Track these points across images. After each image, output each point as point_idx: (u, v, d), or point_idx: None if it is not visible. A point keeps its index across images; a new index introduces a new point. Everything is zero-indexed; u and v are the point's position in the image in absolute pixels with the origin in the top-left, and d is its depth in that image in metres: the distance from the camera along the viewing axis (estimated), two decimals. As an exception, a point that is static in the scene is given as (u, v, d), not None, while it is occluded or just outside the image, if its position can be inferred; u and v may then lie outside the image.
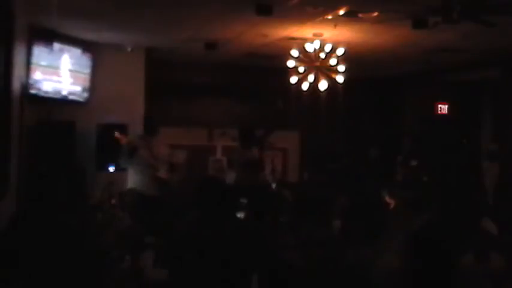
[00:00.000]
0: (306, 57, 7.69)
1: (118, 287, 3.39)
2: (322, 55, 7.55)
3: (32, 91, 7.32)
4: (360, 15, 6.62)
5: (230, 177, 9.09)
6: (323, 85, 7.84)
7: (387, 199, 5.65)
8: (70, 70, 8.06)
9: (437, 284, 2.08)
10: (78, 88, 8.26)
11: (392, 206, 5.60)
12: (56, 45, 7.74)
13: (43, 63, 7.51)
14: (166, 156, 7.16)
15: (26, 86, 6.90)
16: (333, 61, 7.56)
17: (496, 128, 10.51)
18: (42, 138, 7.65)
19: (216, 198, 3.96)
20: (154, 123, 7.27)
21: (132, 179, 6.94)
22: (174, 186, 7.16)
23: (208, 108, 10.84)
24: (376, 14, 6.50)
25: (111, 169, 8.01)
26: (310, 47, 7.53)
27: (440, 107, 12.26)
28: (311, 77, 7.87)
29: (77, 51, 8.13)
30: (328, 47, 7.45)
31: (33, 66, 7.31)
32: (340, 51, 7.48)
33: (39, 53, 7.42)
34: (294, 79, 7.95)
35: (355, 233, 3.97)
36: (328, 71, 7.78)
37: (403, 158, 9.28)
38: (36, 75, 7.42)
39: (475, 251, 3.99)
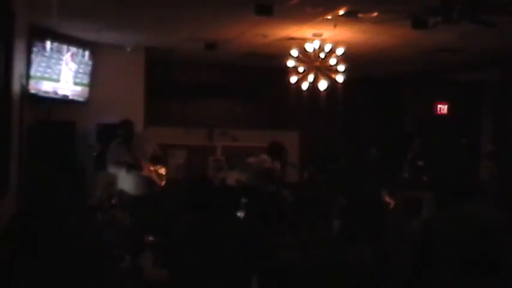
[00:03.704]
0: (305, 57, 7.69)
1: (118, 287, 3.39)
2: (322, 55, 7.55)
3: (32, 91, 7.32)
4: (360, 15, 6.62)
5: (231, 177, 9.11)
6: (323, 85, 7.84)
7: (387, 199, 5.65)
8: (69, 70, 8.06)
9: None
10: (78, 88, 8.26)
11: (392, 206, 5.61)
12: (56, 45, 7.74)
13: (43, 63, 7.51)
14: (149, 154, 7.00)
15: (26, 86, 6.90)
16: (332, 61, 7.56)
17: (496, 128, 10.51)
18: (42, 138, 7.66)
19: (208, 198, 3.97)
20: (131, 129, 7.03)
21: (120, 181, 6.91)
22: (164, 185, 7.08)
23: (208, 108, 10.84)
24: (376, 14, 6.50)
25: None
26: (310, 47, 7.53)
27: (440, 107, 12.25)
28: (311, 77, 7.87)
29: (76, 51, 8.12)
30: (328, 47, 7.45)
31: (33, 66, 7.31)
32: (340, 51, 7.48)
33: (39, 53, 7.42)
34: (294, 79, 7.96)
35: (355, 233, 3.97)
36: (327, 71, 7.78)
37: (412, 157, 9.28)
38: (36, 75, 7.42)
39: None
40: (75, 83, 8.21)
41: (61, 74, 7.91)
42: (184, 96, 10.60)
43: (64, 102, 8.09)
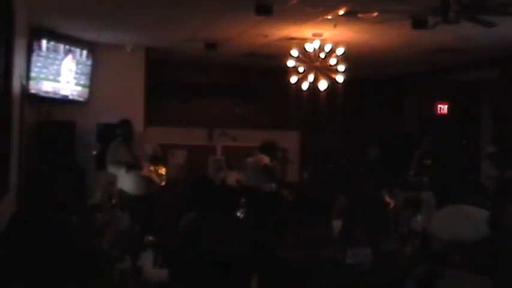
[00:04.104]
0: (305, 57, 7.69)
1: (118, 287, 3.39)
2: (322, 55, 7.56)
3: (32, 91, 7.32)
4: (360, 15, 6.62)
5: (231, 177, 9.12)
6: (323, 85, 7.85)
7: (387, 199, 5.66)
8: (70, 70, 8.06)
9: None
10: (78, 88, 8.26)
11: (392, 206, 5.61)
12: (56, 45, 7.73)
13: (39, 63, 7.50)
14: (149, 153, 6.97)
15: (26, 86, 6.90)
16: (332, 61, 7.57)
17: (496, 128, 10.51)
18: (42, 138, 7.66)
19: (209, 198, 3.97)
20: (130, 129, 6.98)
21: (120, 181, 6.90)
22: (164, 185, 7.06)
23: (208, 108, 10.85)
24: (376, 14, 6.50)
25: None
26: (310, 47, 7.54)
27: (440, 107, 12.26)
28: (311, 77, 7.88)
29: (76, 51, 8.12)
30: (328, 47, 7.45)
31: (33, 66, 7.30)
32: (340, 51, 7.48)
33: (39, 53, 7.42)
34: (294, 79, 7.96)
35: (355, 233, 3.97)
36: (328, 71, 7.78)
37: (419, 155, 9.27)
38: (36, 74, 7.42)
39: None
40: (75, 83, 8.20)
41: (59, 73, 7.90)
42: (184, 96, 10.60)
43: (64, 102, 8.09)
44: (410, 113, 11.98)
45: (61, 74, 7.91)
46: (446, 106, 12.26)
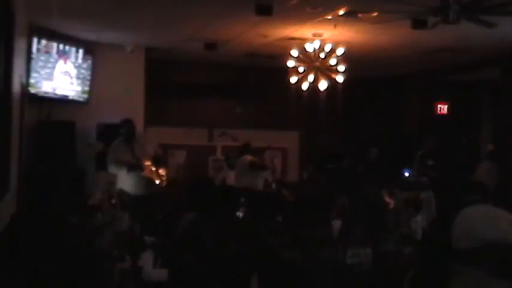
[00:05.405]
0: (305, 57, 7.69)
1: (118, 287, 3.40)
2: (322, 55, 7.56)
3: (32, 91, 7.31)
4: (360, 15, 6.62)
5: (231, 177, 9.13)
6: (323, 85, 7.85)
7: (387, 199, 5.66)
8: (70, 70, 8.05)
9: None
10: (78, 88, 8.25)
11: (392, 206, 5.62)
12: (56, 45, 7.73)
13: (43, 63, 7.51)
14: (150, 154, 6.95)
15: (26, 86, 6.89)
16: (332, 61, 7.57)
17: (496, 128, 10.51)
18: (42, 138, 7.66)
19: (209, 198, 3.97)
20: (132, 129, 7.03)
21: (120, 181, 6.89)
22: (164, 185, 7.06)
23: (208, 108, 10.85)
24: (376, 14, 6.50)
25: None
26: (310, 47, 7.54)
27: (440, 107, 12.26)
28: (311, 77, 7.88)
29: (76, 51, 8.11)
30: (328, 47, 7.45)
31: (33, 66, 7.30)
32: (340, 51, 7.48)
33: (39, 53, 7.41)
34: (294, 79, 7.96)
35: (355, 233, 3.97)
36: (328, 71, 7.78)
37: (421, 155, 9.26)
38: (36, 75, 7.42)
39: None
40: (75, 83, 8.20)
41: (61, 73, 7.89)
42: (184, 96, 10.60)
43: (64, 102, 8.08)
44: (411, 113, 11.98)
45: (61, 74, 7.89)
46: (446, 106, 12.26)
